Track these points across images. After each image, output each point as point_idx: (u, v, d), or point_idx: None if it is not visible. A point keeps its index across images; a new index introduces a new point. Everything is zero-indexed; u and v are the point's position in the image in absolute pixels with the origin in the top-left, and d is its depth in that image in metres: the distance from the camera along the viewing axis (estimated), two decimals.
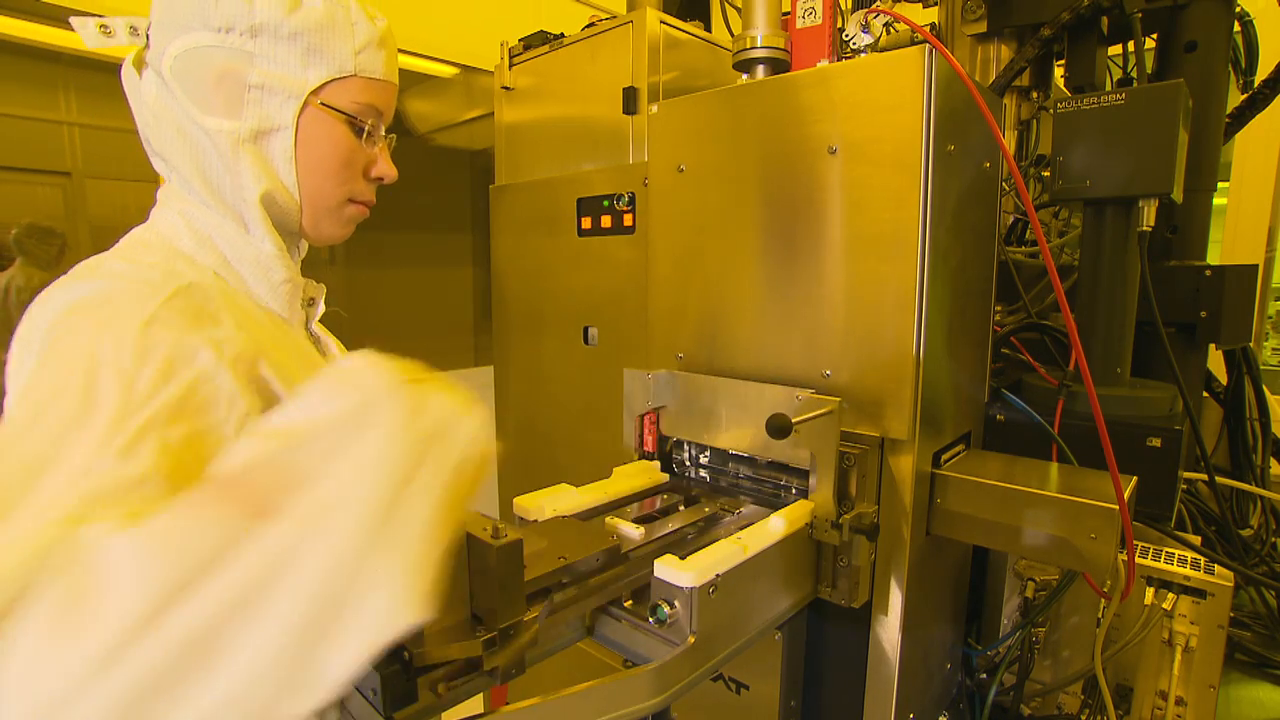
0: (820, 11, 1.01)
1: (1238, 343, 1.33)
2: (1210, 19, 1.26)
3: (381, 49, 0.82)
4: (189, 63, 0.76)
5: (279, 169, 0.79)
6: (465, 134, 3.07)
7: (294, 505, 0.46)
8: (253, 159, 0.77)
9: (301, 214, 0.83)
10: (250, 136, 0.77)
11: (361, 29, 0.80)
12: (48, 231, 2.06)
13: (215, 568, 0.43)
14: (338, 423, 0.50)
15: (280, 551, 0.44)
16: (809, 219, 0.94)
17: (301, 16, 0.76)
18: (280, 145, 0.78)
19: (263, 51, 0.75)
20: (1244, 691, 1.20)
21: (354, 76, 0.80)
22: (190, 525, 0.45)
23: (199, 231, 0.78)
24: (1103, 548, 0.82)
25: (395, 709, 0.60)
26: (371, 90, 0.82)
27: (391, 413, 0.50)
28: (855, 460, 0.87)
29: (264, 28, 0.75)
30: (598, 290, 1.87)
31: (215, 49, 0.75)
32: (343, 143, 0.82)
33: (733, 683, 1.05)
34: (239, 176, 0.77)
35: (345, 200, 0.86)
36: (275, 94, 0.76)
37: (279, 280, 0.81)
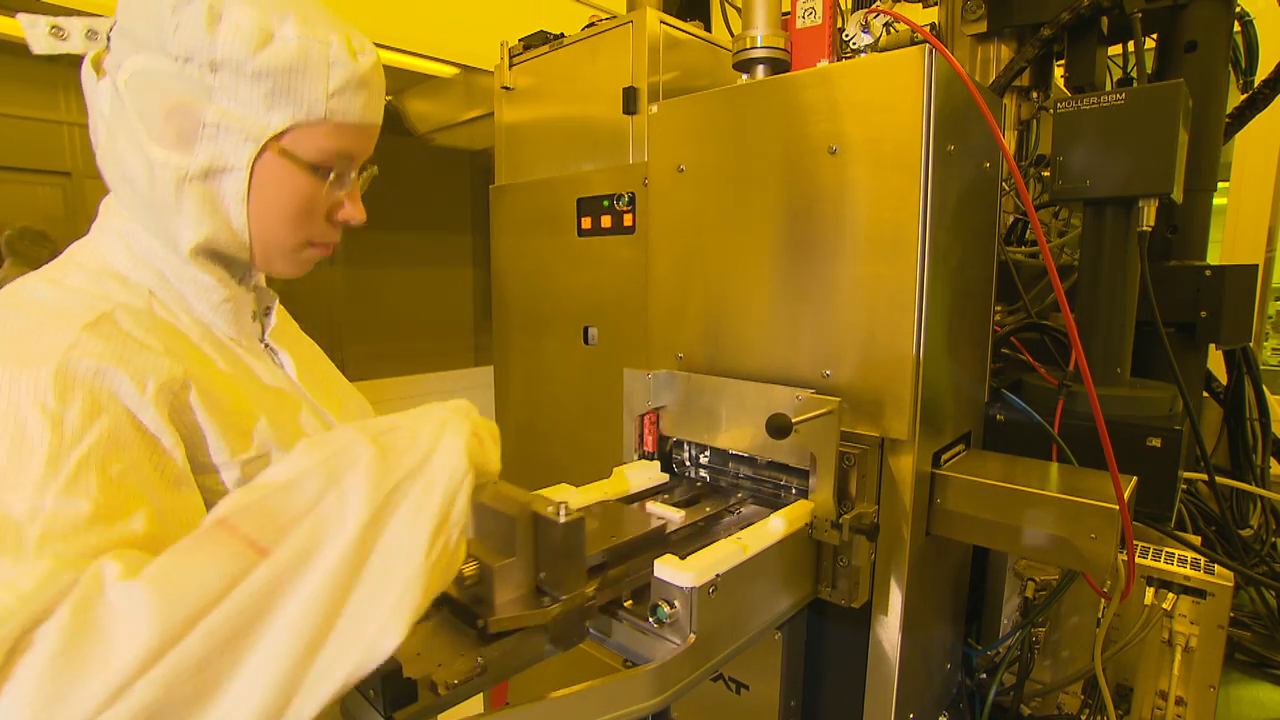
0: (820, 11, 1.01)
1: (1238, 343, 1.33)
2: (1210, 19, 1.26)
3: (361, 91, 0.73)
4: (143, 84, 0.69)
5: (229, 209, 0.72)
6: (465, 134, 3.07)
7: (283, 545, 0.50)
8: (198, 199, 0.70)
9: (252, 252, 0.76)
10: (199, 174, 0.70)
11: (339, 70, 0.70)
12: (40, 235, 2.06)
13: (215, 605, 0.47)
14: (317, 470, 0.54)
15: (271, 586, 0.49)
16: (809, 219, 0.94)
17: (270, 55, 0.67)
18: (232, 186, 0.71)
19: (223, 86, 0.67)
20: (1244, 691, 1.20)
21: (324, 121, 0.71)
22: (196, 565, 0.49)
23: (135, 252, 0.74)
24: (1103, 548, 0.82)
25: (395, 709, 0.60)
26: (344, 135, 0.74)
27: (366, 458, 0.55)
28: (855, 460, 0.87)
29: (226, 63, 0.66)
30: (598, 290, 1.87)
31: (171, 77, 0.67)
32: (302, 190, 0.74)
33: (733, 683, 1.05)
34: (177, 217, 0.71)
35: (302, 244, 0.79)
36: (231, 134, 0.69)
37: (219, 299, 0.77)
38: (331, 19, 0.72)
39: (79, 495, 0.55)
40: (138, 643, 0.45)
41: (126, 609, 0.46)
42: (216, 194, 0.71)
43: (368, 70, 0.73)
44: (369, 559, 0.52)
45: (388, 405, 0.97)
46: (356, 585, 0.51)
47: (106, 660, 0.44)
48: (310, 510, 0.52)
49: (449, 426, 0.60)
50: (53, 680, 0.43)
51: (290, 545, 0.50)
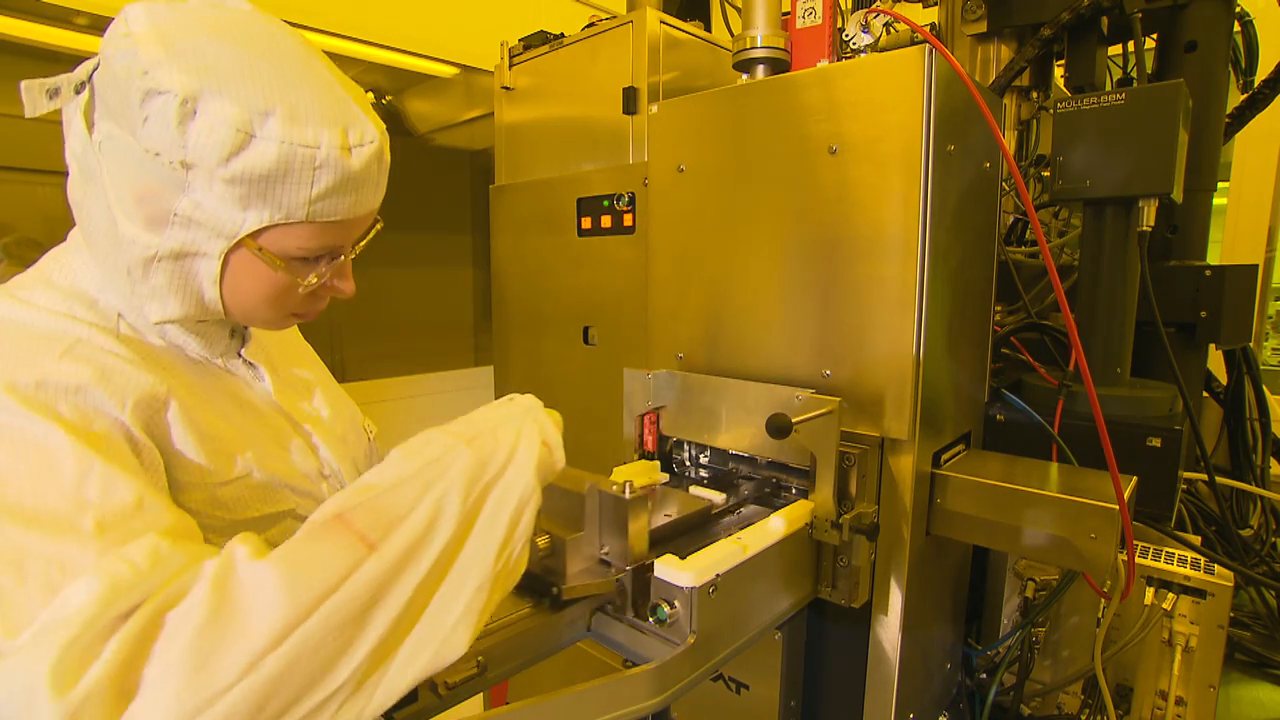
0: (820, 11, 1.01)
1: (1238, 343, 1.33)
2: (1210, 19, 1.26)
3: (353, 190, 0.66)
4: (116, 154, 0.63)
5: (202, 288, 0.68)
6: (465, 134, 3.07)
7: (389, 543, 0.55)
8: (167, 276, 0.66)
9: (228, 316, 0.72)
10: (170, 255, 0.65)
11: (327, 173, 0.63)
12: (35, 244, 2.08)
13: (337, 588, 0.52)
14: (418, 475, 0.60)
15: (380, 580, 0.54)
16: (809, 219, 0.94)
17: (246, 161, 0.60)
18: (204, 269, 0.66)
19: (195, 183, 0.61)
20: (1244, 691, 1.20)
21: (306, 223, 0.66)
22: (318, 553, 0.54)
23: (105, 277, 0.70)
24: (1103, 548, 0.82)
25: (395, 709, 0.60)
26: (328, 233, 0.68)
27: (460, 464, 0.61)
28: (855, 460, 0.87)
29: (197, 165, 0.60)
30: (598, 290, 1.87)
31: (142, 164, 0.61)
32: (280, 283, 0.69)
33: (733, 683, 1.05)
34: (143, 288, 0.67)
35: (284, 318, 0.75)
36: (203, 228, 0.64)
37: (188, 327, 0.74)
38: (327, 108, 0.64)
39: (117, 485, 0.56)
40: (272, 619, 0.49)
41: (260, 587, 0.50)
42: (189, 273, 0.67)
43: (361, 168, 0.66)
44: (455, 563, 0.58)
45: (388, 405, 0.97)
46: (441, 587, 0.57)
47: (245, 632, 0.48)
48: (411, 512, 0.57)
49: (524, 438, 0.66)
50: (199, 649, 0.47)
51: (395, 544, 0.55)
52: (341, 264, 0.74)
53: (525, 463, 0.64)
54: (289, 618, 0.49)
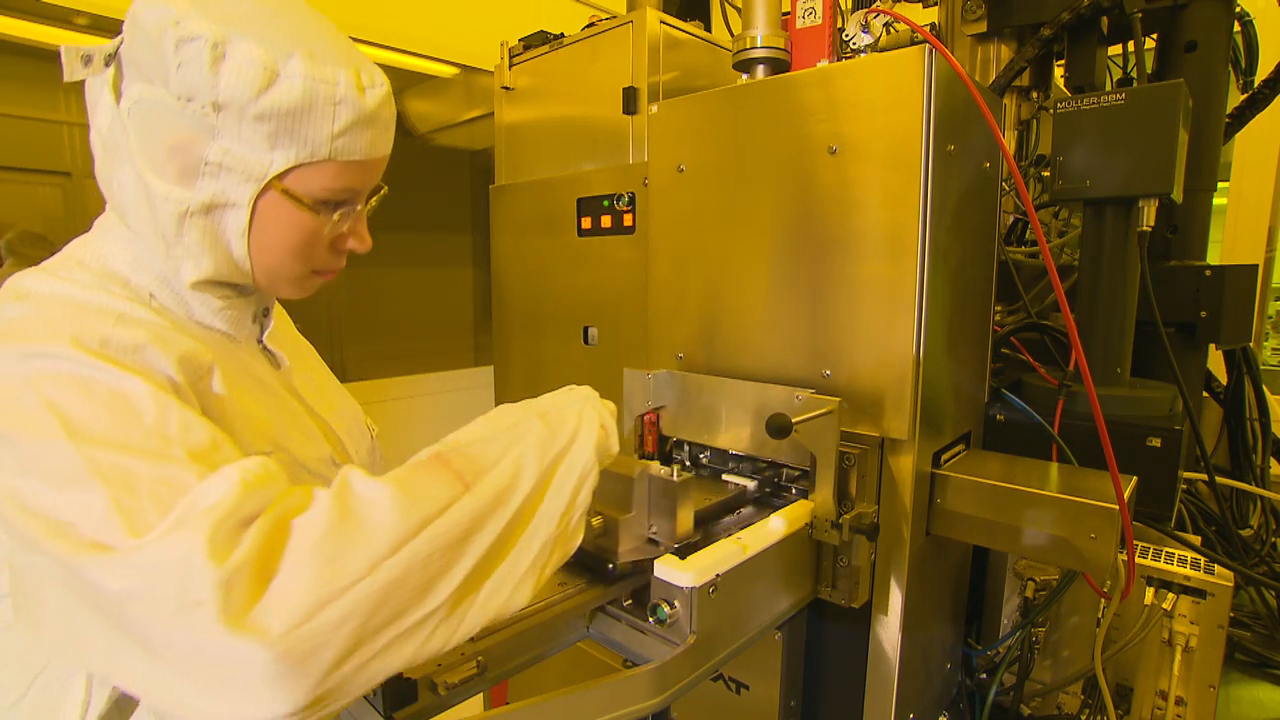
0: (820, 11, 1.01)
1: (1238, 343, 1.33)
2: (1210, 19, 1.26)
3: (367, 128, 0.72)
4: (146, 115, 0.67)
5: (230, 243, 0.71)
6: (465, 134, 3.07)
7: (481, 486, 0.60)
8: (199, 233, 0.70)
9: (255, 279, 0.76)
10: (200, 209, 0.69)
11: (346, 109, 0.68)
12: (40, 238, 2.07)
13: (439, 515, 0.57)
14: (502, 434, 0.66)
15: (474, 515, 0.59)
16: (809, 219, 0.94)
17: (274, 96, 0.65)
18: (233, 221, 0.70)
19: (225, 127, 0.66)
20: (1244, 691, 1.20)
21: (329, 161, 0.70)
22: (423, 483, 0.59)
23: (135, 254, 0.73)
24: (1103, 548, 0.82)
25: (395, 709, 0.60)
26: (349, 173, 0.72)
27: (536, 431, 0.67)
28: (855, 460, 0.87)
29: (229, 104, 0.65)
30: (598, 290, 1.87)
31: (174, 114, 0.66)
32: (305, 226, 0.73)
33: (733, 683, 1.05)
34: (177, 249, 0.70)
35: (306, 274, 0.79)
36: (233, 173, 0.68)
37: (219, 306, 0.77)
38: (341, 52, 0.70)
39: (194, 426, 0.60)
40: (389, 530, 0.54)
41: (378, 502, 0.55)
42: (218, 228, 0.70)
43: (375, 107, 0.71)
44: (531, 517, 0.63)
45: (388, 405, 0.97)
46: (519, 537, 0.62)
47: (366, 538, 0.53)
48: (496, 464, 0.62)
49: (585, 420, 0.71)
50: (328, 547, 0.52)
51: (486, 488, 0.60)
52: (358, 216, 0.78)
53: (587, 441, 0.69)
54: (402, 532, 0.54)
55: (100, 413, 0.58)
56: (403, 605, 0.54)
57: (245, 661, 0.48)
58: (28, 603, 0.59)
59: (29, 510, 0.54)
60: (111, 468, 0.55)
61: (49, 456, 0.55)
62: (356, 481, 0.57)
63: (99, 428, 0.57)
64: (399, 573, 0.53)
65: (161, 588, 0.50)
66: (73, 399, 0.58)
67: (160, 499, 0.54)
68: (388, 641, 0.53)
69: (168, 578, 0.49)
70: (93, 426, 0.57)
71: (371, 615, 0.52)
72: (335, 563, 0.51)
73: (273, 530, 0.52)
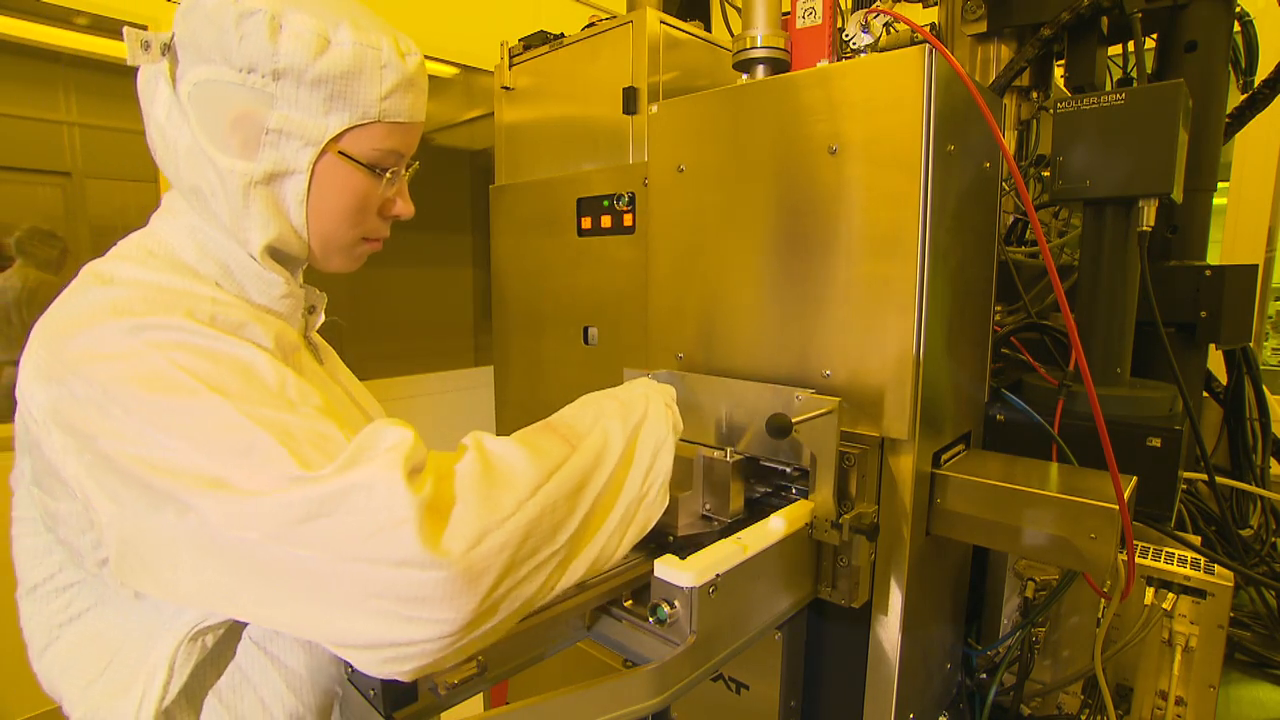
0: (820, 11, 1.01)
1: (1238, 343, 1.33)
2: (1210, 19, 1.26)
3: (410, 91, 0.78)
4: (207, 95, 0.72)
5: (290, 211, 0.77)
6: (465, 134, 3.07)
7: (583, 448, 0.69)
8: (263, 202, 0.74)
9: (311, 249, 0.81)
10: (263, 179, 0.74)
11: (391, 72, 0.75)
12: (49, 235, 2.07)
13: (558, 469, 0.66)
14: (584, 414, 0.76)
15: (584, 470, 0.68)
16: (809, 219, 0.94)
17: (328, 61, 0.71)
18: (293, 189, 0.75)
19: (284, 95, 0.71)
20: (1244, 691, 1.20)
21: (377, 123, 0.76)
22: (541, 442, 0.68)
23: (202, 245, 0.76)
24: (1103, 548, 0.82)
25: (395, 709, 0.60)
26: (395, 135, 0.78)
27: (614, 409, 0.77)
28: (855, 460, 0.87)
29: (287, 71, 0.70)
30: (598, 290, 1.87)
31: (235, 87, 0.71)
32: (359, 189, 0.78)
33: (733, 683, 1.05)
34: (246, 220, 0.75)
35: (358, 240, 0.84)
36: (293, 139, 0.73)
37: (280, 294, 0.80)
38: (380, 23, 0.76)
39: (310, 393, 0.66)
40: (526, 476, 0.62)
41: (512, 456, 0.64)
42: (279, 196, 0.75)
43: (415, 71, 0.78)
44: (624, 481, 0.72)
45: (388, 405, 0.97)
46: (615, 497, 0.71)
47: (511, 483, 0.61)
48: (590, 432, 0.72)
49: (652, 400, 0.81)
50: (483, 489, 0.59)
51: (587, 450, 0.69)
52: (401, 182, 0.84)
53: (658, 414, 0.79)
54: (536, 478, 0.63)
55: (230, 375, 0.62)
56: (539, 541, 0.62)
57: (432, 580, 0.54)
58: (152, 569, 0.61)
59: (174, 470, 0.57)
60: (265, 420, 0.59)
61: (194, 414, 0.58)
62: (488, 441, 0.65)
63: (235, 387, 0.61)
64: (537, 512, 0.61)
65: (364, 509, 0.54)
66: (202, 363, 0.61)
67: (320, 446, 0.59)
68: (527, 571, 0.61)
69: (370, 500, 0.54)
70: (229, 386, 0.60)
71: (520, 546, 0.59)
72: (492, 500, 0.59)
73: (443, 472, 0.59)
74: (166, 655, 0.70)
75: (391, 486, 0.54)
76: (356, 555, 0.53)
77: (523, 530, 0.60)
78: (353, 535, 0.54)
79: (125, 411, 0.58)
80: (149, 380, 0.59)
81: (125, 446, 0.58)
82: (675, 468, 0.81)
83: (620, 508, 0.71)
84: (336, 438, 0.60)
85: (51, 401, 0.62)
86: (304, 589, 0.55)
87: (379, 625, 0.54)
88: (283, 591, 0.56)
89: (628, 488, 0.72)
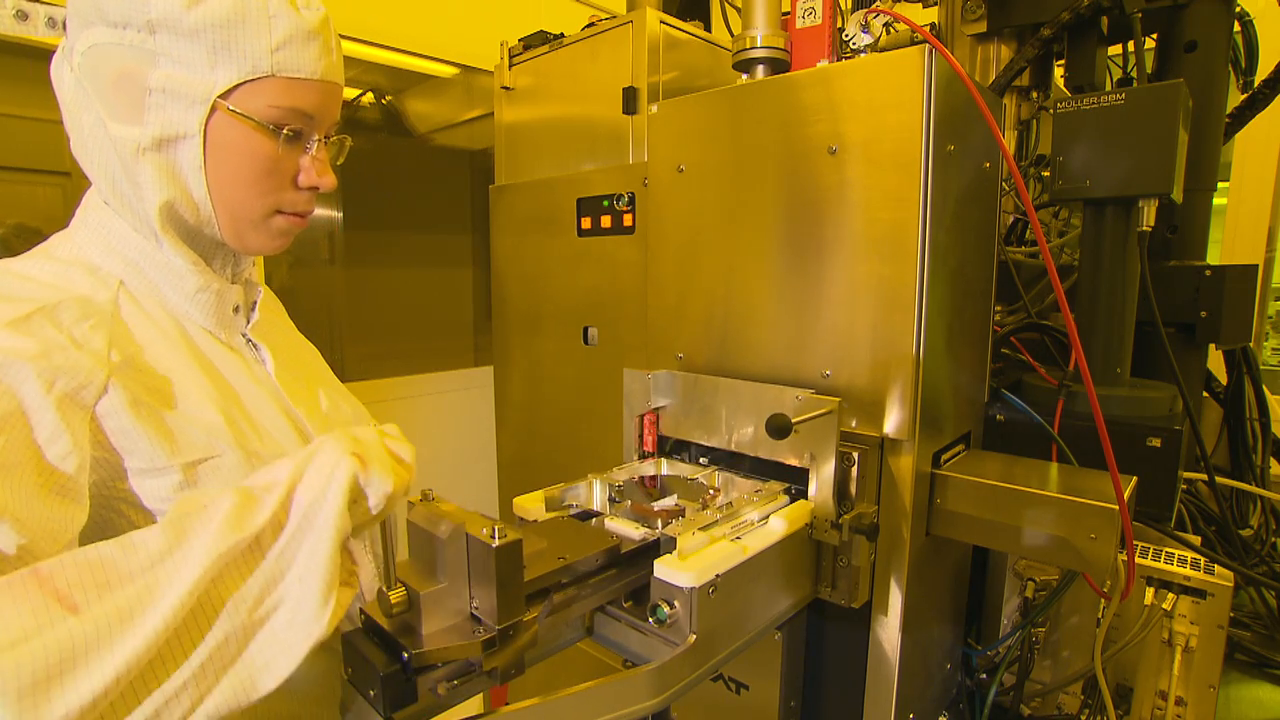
0: (820, 11, 1.01)
1: (1238, 343, 1.33)
2: (1210, 19, 1.26)
3: (309, 44, 0.72)
4: (93, 61, 0.68)
5: (187, 179, 0.71)
6: (465, 134, 3.07)
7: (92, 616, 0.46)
8: (154, 169, 0.70)
9: (219, 226, 0.75)
10: (153, 144, 0.69)
11: (281, 22, 0.70)
12: (34, 232, 2.08)
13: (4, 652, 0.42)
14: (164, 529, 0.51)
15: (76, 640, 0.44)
16: (809, 219, 0.94)
17: (204, 10, 0.66)
18: (187, 154, 0.70)
19: (164, 50, 0.67)
20: (1244, 691, 1.20)
21: (271, 77, 0.70)
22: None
23: (109, 241, 0.73)
24: (1103, 548, 0.82)
25: (394, 709, 0.60)
26: (295, 91, 0.72)
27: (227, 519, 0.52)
28: (855, 460, 0.87)
29: (162, 23, 0.66)
30: (598, 290, 1.87)
31: (114, 46, 0.67)
32: (259, 151, 0.73)
33: (733, 683, 1.05)
34: (139, 188, 0.70)
35: (270, 212, 0.77)
36: (178, 98, 0.68)
37: (193, 289, 0.75)
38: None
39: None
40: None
41: None
42: (174, 164, 0.71)
43: (314, 24, 0.72)
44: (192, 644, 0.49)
45: (388, 405, 0.97)
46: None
47: None
48: (146, 571, 0.49)
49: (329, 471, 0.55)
50: None
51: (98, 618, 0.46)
52: (319, 151, 0.77)
53: (324, 491, 0.55)
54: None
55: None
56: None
57: None
58: None
59: None
60: None
61: None
62: None
63: None
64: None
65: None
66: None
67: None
68: None
69: None
70: None
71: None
72: None
73: None
74: None
75: None
76: None
77: None
78: None
79: None
80: None
81: None
82: (426, 549, 0.62)
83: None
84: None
85: None
86: None
87: None
88: None
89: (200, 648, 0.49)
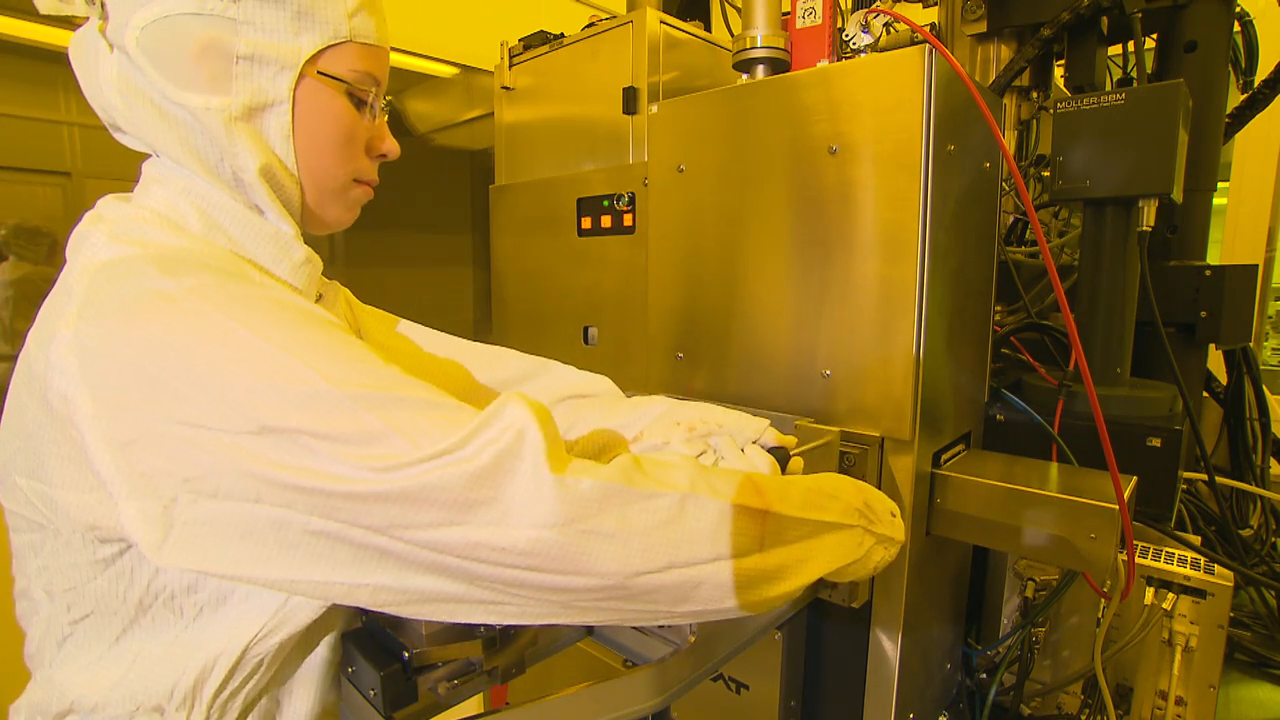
0: (820, 11, 1.01)
1: (1238, 343, 1.33)
2: (1210, 19, 1.26)
3: (373, 11, 0.75)
4: (161, 34, 0.66)
5: (276, 148, 0.71)
6: (465, 134, 3.07)
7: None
8: (247, 137, 0.69)
9: (303, 196, 0.75)
10: (243, 114, 0.68)
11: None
12: (35, 231, 2.07)
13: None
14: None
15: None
16: (809, 219, 0.94)
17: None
18: (276, 122, 0.70)
19: (248, 18, 0.67)
20: (1244, 691, 1.20)
21: (349, 42, 0.72)
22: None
23: (207, 212, 0.70)
24: (1103, 548, 0.82)
25: (395, 709, 0.60)
26: (368, 57, 0.75)
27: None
28: (855, 460, 0.87)
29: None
30: (598, 290, 1.87)
31: (192, 17, 0.66)
32: (344, 116, 0.74)
33: (733, 683, 1.05)
34: (236, 156, 0.69)
35: (350, 180, 0.78)
36: (267, 65, 0.68)
37: (299, 260, 0.74)
38: None
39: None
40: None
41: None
42: (263, 132, 0.70)
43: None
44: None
45: None
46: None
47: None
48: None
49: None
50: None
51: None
52: (381, 120, 0.80)
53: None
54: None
55: (312, 330, 0.59)
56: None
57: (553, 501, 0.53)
58: (231, 550, 0.55)
59: (275, 461, 0.53)
60: (368, 391, 0.55)
61: (294, 384, 0.54)
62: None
63: (320, 342, 0.58)
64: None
65: (504, 461, 0.53)
66: (277, 315, 0.59)
67: (432, 416, 0.56)
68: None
69: (512, 453, 0.53)
70: (315, 340, 0.58)
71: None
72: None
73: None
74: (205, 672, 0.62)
75: (537, 442, 0.55)
76: (509, 491, 0.54)
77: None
78: (503, 477, 0.54)
79: (198, 375, 0.55)
80: (224, 343, 0.56)
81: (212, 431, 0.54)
82: None
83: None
84: (445, 405, 0.58)
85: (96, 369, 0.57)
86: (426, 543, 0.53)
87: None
88: (398, 558, 0.53)
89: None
